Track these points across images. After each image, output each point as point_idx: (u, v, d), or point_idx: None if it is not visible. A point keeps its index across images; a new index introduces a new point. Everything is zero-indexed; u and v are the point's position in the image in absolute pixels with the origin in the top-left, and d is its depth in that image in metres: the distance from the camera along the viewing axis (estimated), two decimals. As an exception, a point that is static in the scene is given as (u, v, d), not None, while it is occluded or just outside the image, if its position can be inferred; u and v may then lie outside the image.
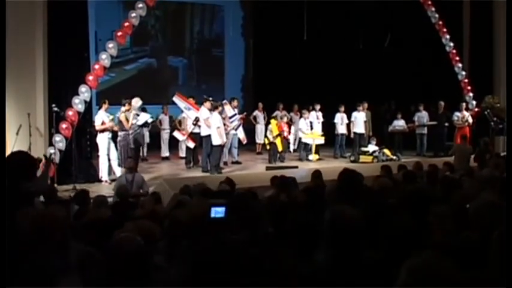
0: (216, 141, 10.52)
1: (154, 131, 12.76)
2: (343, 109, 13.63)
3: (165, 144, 13.10)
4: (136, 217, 4.02)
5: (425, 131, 13.77)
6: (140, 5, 10.00)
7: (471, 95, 13.99)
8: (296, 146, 14.22)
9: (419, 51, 14.40)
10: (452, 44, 13.91)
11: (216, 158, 10.63)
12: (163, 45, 17.15)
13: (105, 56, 9.69)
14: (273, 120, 12.75)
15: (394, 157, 12.40)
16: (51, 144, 9.10)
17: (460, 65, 14.04)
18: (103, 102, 10.09)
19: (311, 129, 13.16)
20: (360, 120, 13.56)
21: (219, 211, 3.28)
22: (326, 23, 15.41)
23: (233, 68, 18.29)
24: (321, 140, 13.06)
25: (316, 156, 12.98)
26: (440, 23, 13.79)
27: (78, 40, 9.96)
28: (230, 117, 11.71)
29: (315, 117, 13.43)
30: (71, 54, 9.72)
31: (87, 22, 10.71)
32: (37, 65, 9.37)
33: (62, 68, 9.52)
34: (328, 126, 13.71)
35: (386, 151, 12.63)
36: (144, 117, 9.62)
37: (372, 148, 12.74)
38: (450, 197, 3.90)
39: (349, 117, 13.66)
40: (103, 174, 9.84)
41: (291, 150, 13.84)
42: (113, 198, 6.64)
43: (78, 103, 9.30)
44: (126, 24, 10.02)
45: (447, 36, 13.86)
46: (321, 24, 15.04)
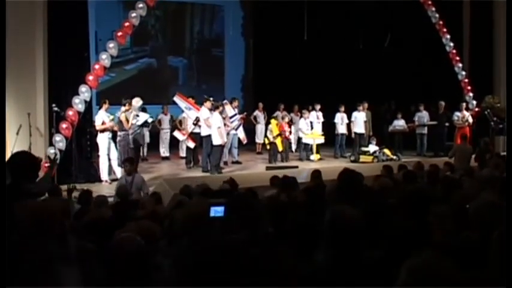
0: (217, 141, 10.52)
1: (154, 131, 12.76)
2: (343, 109, 13.63)
3: (164, 144, 13.10)
4: (137, 217, 4.02)
5: (425, 131, 13.76)
6: (140, 5, 10.01)
7: (471, 95, 13.99)
8: (296, 146, 14.23)
9: (419, 51, 14.40)
10: (452, 44, 13.91)
11: (216, 158, 10.63)
12: (163, 45, 17.16)
13: (106, 56, 9.70)
14: (273, 120, 12.74)
15: (394, 157, 12.40)
16: (51, 144, 9.11)
17: (460, 65, 14.03)
18: (103, 102, 10.09)
19: (311, 129, 13.16)
20: (360, 120, 13.56)
21: (218, 210, 3.28)
22: (326, 23, 15.40)
23: (233, 68, 18.29)
24: (321, 139, 13.06)
25: (318, 156, 12.98)
26: (441, 23, 13.78)
27: (78, 40, 9.98)
28: (230, 117, 11.72)
29: (315, 117, 13.44)
30: (71, 54, 9.73)
31: (87, 22, 10.73)
32: (37, 65, 9.37)
33: (62, 68, 9.52)
34: (328, 126, 13.71)
35: (386, 151, 12.63)
36: (143, 117, 9.63)
37: (372, 148, 12.74)
38: (450, 197, 3.90)
39: (349, 117, 13.66)
40: (103, 174, 9.84)
41: (293, 150, 13.85)
42: (113, 199, 6.65)
43: (78, 103, 9.30)
44: (126, 24, 10.02)
45: (447, 36, 13.86)
46: (321, 24, 15.03)
